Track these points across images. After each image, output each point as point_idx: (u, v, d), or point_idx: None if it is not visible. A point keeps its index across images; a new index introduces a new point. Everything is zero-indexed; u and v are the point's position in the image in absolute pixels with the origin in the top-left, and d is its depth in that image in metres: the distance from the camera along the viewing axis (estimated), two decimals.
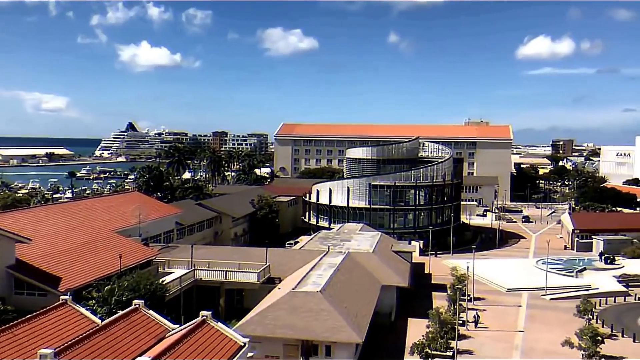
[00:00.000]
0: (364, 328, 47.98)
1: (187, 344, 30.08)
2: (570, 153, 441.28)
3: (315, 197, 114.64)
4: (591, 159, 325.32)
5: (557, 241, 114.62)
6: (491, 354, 54.27)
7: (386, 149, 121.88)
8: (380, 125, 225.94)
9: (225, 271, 61.99)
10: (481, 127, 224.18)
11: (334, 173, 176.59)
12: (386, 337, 57.28)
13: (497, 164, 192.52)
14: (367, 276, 63.38)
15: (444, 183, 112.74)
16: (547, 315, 67.61)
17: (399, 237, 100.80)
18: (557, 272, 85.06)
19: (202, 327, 32.59)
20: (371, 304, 55.45)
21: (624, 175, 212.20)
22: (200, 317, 33.46)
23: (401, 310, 65.78)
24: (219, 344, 31.70)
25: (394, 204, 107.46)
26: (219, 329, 33.17)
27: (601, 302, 72.74)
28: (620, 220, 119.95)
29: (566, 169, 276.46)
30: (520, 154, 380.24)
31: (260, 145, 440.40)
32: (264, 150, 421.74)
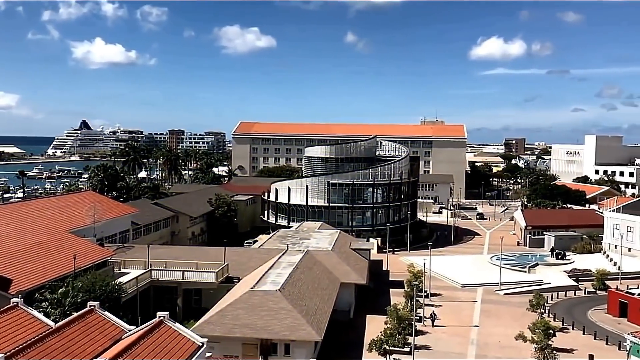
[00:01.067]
0: (322, 326, 48.26)
1: (143, 345, 29.69)
2: (522, 152, 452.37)
3: (273, 195, 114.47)
4: (542, 158, 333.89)
5: (510, 238, 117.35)
6: (447, 349, 55.31)
7: (344, 147, 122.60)
8: (339, 124, 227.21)
9: (182, 271, 61.34)
10: (436, 126, 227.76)
11: (292, 172, 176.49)
12: (345, 334, 57.72)
13: (452, 163, 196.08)
14: (325, 274, 63.71)
15: (401, 181, 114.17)
16: (501, 310, 69.29)
17: (358, 234, 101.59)
18: (510, 268, 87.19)
19: (159, 328, 32.21)
20: (330, 302, 55.79)
21: (574, 173, 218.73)
22: (157, 317, 33.06)
23: (359, 307, 66.38)
24: (176, 345, 31.39)
25: (352, 202, 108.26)
26: (176, 329, 32.84)
27: (552, 297, 75.02)
28: (570, 216, 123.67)
29: (518, 167, 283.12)
30: (474, 152, 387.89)
31: (217, 144, 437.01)
32: (222, 149, 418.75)
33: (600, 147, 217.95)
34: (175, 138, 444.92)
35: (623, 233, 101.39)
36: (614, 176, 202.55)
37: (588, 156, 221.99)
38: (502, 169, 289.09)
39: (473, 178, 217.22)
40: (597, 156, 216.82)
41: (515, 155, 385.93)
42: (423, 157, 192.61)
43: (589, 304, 72.42)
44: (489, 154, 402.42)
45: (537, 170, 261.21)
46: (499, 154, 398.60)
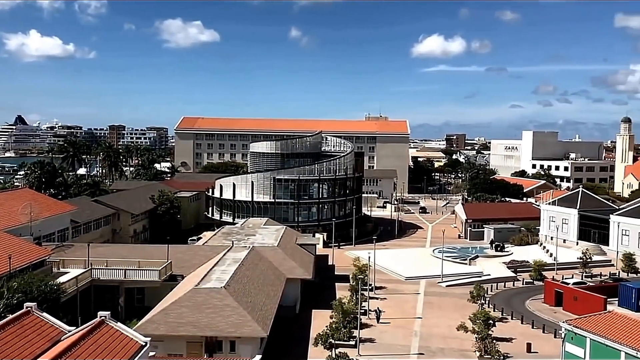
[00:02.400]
0: (268, 322, 48.21)
1: (84, 346, 28.91)
2: (462, 147, 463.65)
3: (218, 192, 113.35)
4: (482, 153, 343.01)
5: (451, 230, 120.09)
6: (392, 341, 56.23)
7: (290, 143, 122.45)
8: (284, 119, 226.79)
9: (124, 270, 60.02)
10: (380, 122, 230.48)
11: (237, 167, 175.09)
12: (291, 329, 57.83)
13: (396, 158, 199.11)
14: (271, 270, 63.62)
15: (346, 176, 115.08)
16: (443, 301, 70.93)
17: (303, 230, 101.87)
18: (451, 260, 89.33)
19: (100, 328, 31.42)
20: (275, 298, 55.75)
21: (512, 167, 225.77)
22: (98, 317, 32.25)
23: (305, 302, 66.63)
24: (118, 345, 30.71)
25: (298, 198, 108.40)
26: (118, 329, 32.13)
27: (492, 288, 77.29)
28: (508, 210, 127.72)
29: (459, 162, 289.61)
30: (416, 148, 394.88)
31: (159, 140, 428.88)
32: (164, 144, 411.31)
33: (537, 143, 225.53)
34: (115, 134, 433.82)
35: (558, 225, 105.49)
36: (550, 170, 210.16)
37: (525, 151, 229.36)
38: (444, 164, 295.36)
39: (416, 173, 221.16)
40: (534, 151, 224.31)
41: (456, 151, 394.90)
42: (367, 152, 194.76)
43: (526, 294, 75.01)
44: (431, 149, 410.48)
45: (477, 165, 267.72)
46: (441, 150, 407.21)
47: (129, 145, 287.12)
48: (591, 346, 44.31)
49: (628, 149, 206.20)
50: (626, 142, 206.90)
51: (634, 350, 40.78)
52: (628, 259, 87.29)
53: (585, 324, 45.83)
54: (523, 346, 54.33)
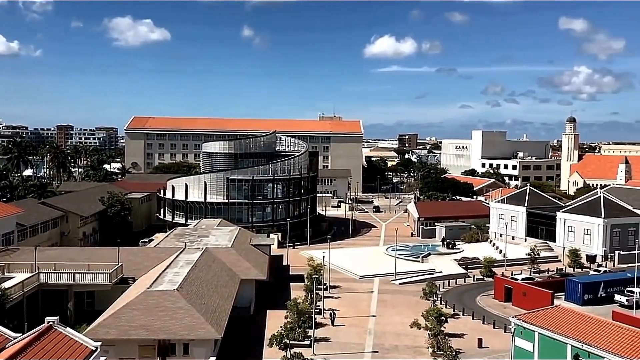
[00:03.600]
0: (222, 323, 47.82)
1: (31, 353, 28.06)
2: (415, 146, 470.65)
3: (170, 193, 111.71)
4: (433, 152, 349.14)
5: (404, 229, 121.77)
6: (346, 340, 56.55)
7: (243, 143, 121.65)
8: (237, 119, 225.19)
9: (73, 273, 58.47)
10: (334, 122, 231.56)
11: (190, 168, 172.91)
12: (245, 330, 57.50)
13: (350, 158, 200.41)
14: (225, 271, 63.11)
15: (300, 176, 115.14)
16: (397, 299, 71.79)
17: (258, 230, 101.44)
18: (404, 258, 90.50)
19: (48, 333, 30.56)
20: (230, 299, 55.35)
21: (462, 166, 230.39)
22: (46, 323, 31.36)
23: (260, 303, 66.35)
24: (67, 351, 29.94)
25: (252, 198, 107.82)
26: (67, 334, 31.32)
27: (444, 285, 78.70)
28: (459, 208, 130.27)
29: (411, 162, 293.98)
30: (370, 147, 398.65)
31: (109, 140, 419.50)
32: (114, 145, 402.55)
33: (486, 142, 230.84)
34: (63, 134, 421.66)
35: (507, 222, 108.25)
36: (499, 169, 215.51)
37: (475, 150, 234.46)
38: (397, 163, 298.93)
39: (369, 172, 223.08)
40: (484, 150, 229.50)
41: (408, 150, 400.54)
42: (322, 152, 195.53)
43: (477, 291, 76.67)
44: (384, 149, 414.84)
45: (428, 164, 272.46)
46: (394, 149, 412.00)
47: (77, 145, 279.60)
48: (539, 340, 45.58)
49: (573, 148, 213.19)
50: (571, 141, 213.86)
51: (579, 343, 42.18)
52: (574, 254, 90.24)
53: (533, 318, 47.09)
54: (474, 341, 55.50)
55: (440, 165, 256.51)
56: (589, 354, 41.42)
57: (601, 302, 68.59)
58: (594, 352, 41.18)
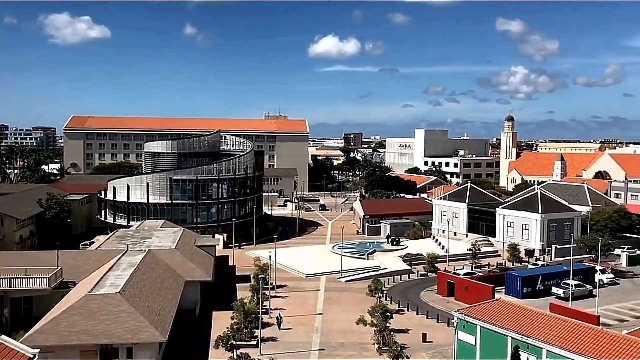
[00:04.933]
0: (167, 326, 47.07)
1: None
2: (360, 145, 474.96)
3: (111, 194, 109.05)
4: (378, 151, 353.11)
5: (350, 227, 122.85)
6: (293, 339, 56.62)
7: (187, 142, 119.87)
8: (180, 118, 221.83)
9: (9, 278, 56.29)
10: (280, 121, 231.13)
11: (132, 168, 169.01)
12: (191, 332, 56.76)
13: (296, 157, 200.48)
14: (169, 273, 62.12)
15: (246, 176, 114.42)
16: (343, 296, 72.36)
17: (203, 231, 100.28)
18: (350, 256, 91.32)
19: None
20: (174, 301, 54.52)
21: (406, 164, 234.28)
22: None
23: (206, 304, 65.65)
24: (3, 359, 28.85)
25: (196, 198, 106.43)
26: (2, 342, 30.17)
27: (389, 281, 79.87)
28: (403, 205, 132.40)
29: (357, 160, 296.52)
30: (316, 146, 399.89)
31: (47, 140, 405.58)
32: (52, 145, 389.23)
33: (429, 140, 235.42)
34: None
35: (449, 219, 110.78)
36: (441, 167, 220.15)
37: (418, 149, 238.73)
38: (342, 162, 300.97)
39: (315, 171, 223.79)
40: (426, 149, 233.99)
41: (353, 149, 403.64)
42: (267, 151, 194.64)
43: (421, 286, 78.14)
44: (330, 147, 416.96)
45: (373, 162, 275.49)
46: (339, 148, 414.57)
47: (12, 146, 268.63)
48: (481, 333, 46.85)
49: (511, 145, 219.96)
50: (509, 140, 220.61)
51: (519, 335, 43.60)
52: (513, 249, 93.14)
53: (475, 312, 48.36)
54: (419, 336, 56.55)
55: (385, 163, 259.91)
56: (528, 345, 42.88)
57: (539, 295, 71.15)
58: (532, 344, 42.65)
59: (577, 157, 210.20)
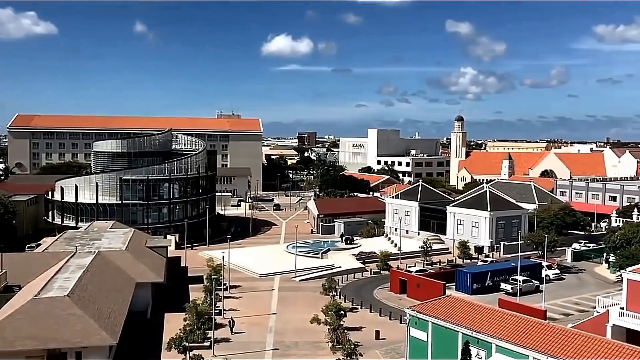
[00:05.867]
0: (117, 329, 46.14)
1: None
2: (314, 145, 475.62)
3: (59, 194, 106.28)
4: (332, 150, 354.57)
5: (304, 226, 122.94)
6: (247, 339, 56.35)
7: (137, 141, 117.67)
8: (131, 117, 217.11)
9: None
10: (233, 120, 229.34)
11: (80, 168, 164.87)
12: (142, 335, 55.72)
13: (249, 156, 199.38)
14: (119, 275, 60.90)
15: (198, 175, 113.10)
16: (297, 296, 72.42)
17: (154, 232, 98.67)
18: (305, 255, 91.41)
19: None
20: (125, 303, 53.47)
21: (359, 163, 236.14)
22: None
23: (158, 306, 64.62)
24: None
25: (147, 199, 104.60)
26: None
27: (343, 279, 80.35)
28: (357, 204, 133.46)
29: (311, 160, 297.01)
30: (270, 146, 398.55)
31: None
32: None
33: (381, 140, 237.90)
34: None
35: (402, 217, 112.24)
36: (393, 166, 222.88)
37: (371, 148, 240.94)
38: (296, 161, 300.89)
39: (269, 170, 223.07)
40: (379, 148, 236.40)
41: (307, 148, 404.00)
42: (220, 150, 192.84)
43: (374, 284, 78.91)
44: (284, 147, 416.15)
45: (327, 162, 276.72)
46: (293, 147, 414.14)
47: None
48: (433, 329, 47.65)
49: (461, 145, 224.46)
50: (459, 139, 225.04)
51: (469, 331, 44.56)
52: (463, 246, 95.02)
53: (426, 309, 49.17)
54: (372, 334, 57.09)
55: (339, 162, 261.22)
56: (478, 341, 43.86)
57: (489, 291, 72.82)
58: (482, 339, 43.66)
59: (524, 156, 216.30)
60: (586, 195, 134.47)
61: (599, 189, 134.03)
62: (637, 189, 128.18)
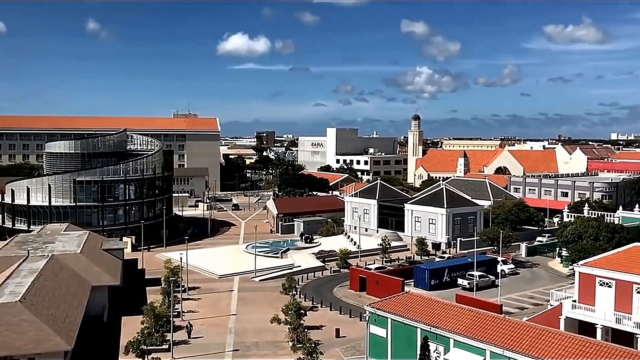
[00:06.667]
0: (72, 334, 45.13)
1: None
2: (272, 144, 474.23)
3: (9, 197, 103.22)
4: (291, 149, 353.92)
5: (264, 226, 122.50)
6: (207, 341, 55.83)
7: (91, 142, 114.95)
8: (84, 117, 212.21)
9: None
10: (190, 119, 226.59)
11: (32, 170, 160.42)
12: (99, 339, 54.62)
13: (207, 156, 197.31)
14: (74, 278, 59.50)
15: (154, 176, 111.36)
16: (257, 296, 72.12)
17: (110, 234, 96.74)
18: (264, 255, 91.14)
19: None
20: (80, 307, 52.31)
21: (318, 162, 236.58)
22: None
23: (114, 309, 63.44)
24: None
25: (102, 200, 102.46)
26: None
27: (303, 278, 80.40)
28: (316, 203, 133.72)
29: (270, 159, 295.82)
30: (228, 145, 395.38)
31: None
32: None
33: (340, 139, 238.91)
34: None
35: (360, 215, 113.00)
36: (352, 164, 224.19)
37: (330, 147, 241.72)
38: (255, 160, 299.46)
39: (227, 170, 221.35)
40: (338, 147, 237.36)
41: (266, 148, 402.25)
42: (177, 150, 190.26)
43: (334, 282, 79.21)
44: (242, 146, 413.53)
45: (286, 161, 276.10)
46: (252, 147, 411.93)
47: None
48: (392, 326, 48.12)
49: (418, 143, 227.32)
50: (416, 137, 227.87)
51: (428, 326, 45.16)
52: (420, 243, 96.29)
53: (385, 305, 49.62)
54: (332, 332, 57.31)
55: (298, 162, 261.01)
56: (437, 336, 44.51)
57: (446, 287, 73.99)
58: (440, 334, 44.32)
59: (479, 153, 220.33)
60: (539, 191, 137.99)
61: (551, 185, 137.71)
62: (587, 185, 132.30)
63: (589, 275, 51.29)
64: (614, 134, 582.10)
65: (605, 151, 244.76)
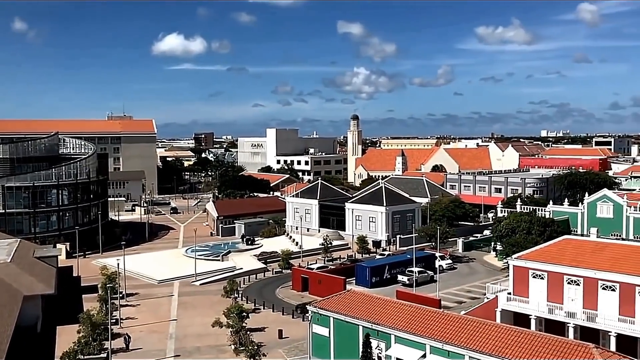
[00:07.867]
0: (3, 347, 43.14)
1: None
2: (211, 145, 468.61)
3: None
4: (230, 150, 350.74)
5: (204, 229, 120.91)
6: (147, 347, 54.63)
7: (21, 146, 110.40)
8: (11, 120, 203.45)
9: None
10: (124, 121, 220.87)
11: None
12: (32, 351, 52.51)
13: (143, 158, 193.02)
14: (4, 288, 56.91)
15: (88, 180, 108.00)
16: (198, 300, 71.12)
17: (42, 241, 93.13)
18: (204, 258, 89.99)
19: None
20: (11, 319, 50.04)
21: (259, 163, 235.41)
22: None
23: (49, 319, 61.12)
24: None
25: (33, 207, 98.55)
26: None
27: (245, 281, 79.85)
28: (257, 204, 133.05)
29: (209, 160, 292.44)
30: (165, 147, 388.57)
31: None
32: None
33: (280, 139, 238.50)
34: None
35: (302, 215, 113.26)
36: (293, 165, 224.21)
37: (270, 148, 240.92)
38: (193, 162, 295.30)
39: (165, 173, 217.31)
40: (278, 147, 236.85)
41: (205, 149, 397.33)
42: (112, 153, 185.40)
43: (277, 283, 79.01)
44: (180, 148, 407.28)
45: (226, 162, 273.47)
46: (190, 148, 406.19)
47: None
48: (334, 324, 48.45)
49: (357, 143, 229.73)
50: (356, 137, 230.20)
51: (369, 323, 45.71)
52: (361, 241, 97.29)
53: (327, 304, 49.90)
54: (275, 333, 57.15)
55: (238, 163, 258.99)
56: (378, 333, 45.12)
57: (387, 283, 75.13)
58: (382, 330, 44.96)
59: (416, 152, 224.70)
60: (474, 187, 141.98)
61: (485, 181, 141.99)
62: (519, 181, 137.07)
63: (522, 268, 53.18)
64: (543, 131, 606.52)
65: (536, 148, 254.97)
